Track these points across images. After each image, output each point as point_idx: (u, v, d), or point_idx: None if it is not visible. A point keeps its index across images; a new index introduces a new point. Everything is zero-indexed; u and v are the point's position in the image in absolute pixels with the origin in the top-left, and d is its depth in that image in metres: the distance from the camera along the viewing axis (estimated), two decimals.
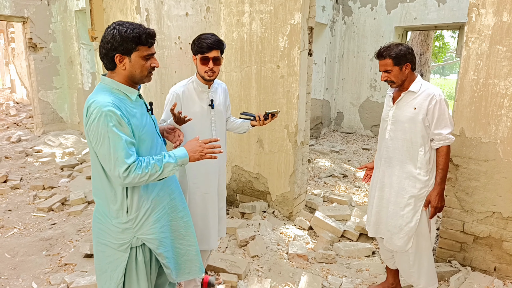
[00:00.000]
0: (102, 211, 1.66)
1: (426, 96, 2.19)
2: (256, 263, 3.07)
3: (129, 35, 1.53)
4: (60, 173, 5.46)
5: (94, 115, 1.47)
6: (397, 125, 2.30)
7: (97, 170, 1.60)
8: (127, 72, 1.59)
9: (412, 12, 7.60)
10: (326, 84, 8.40)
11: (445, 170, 2.23)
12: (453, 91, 22.16)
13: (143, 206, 1.65)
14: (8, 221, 3.95)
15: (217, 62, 2.20)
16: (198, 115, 2.27)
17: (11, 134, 7.91)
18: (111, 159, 1.49)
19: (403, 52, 2.18)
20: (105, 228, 1.66)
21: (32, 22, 7.31)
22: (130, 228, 1.64)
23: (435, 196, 2.23)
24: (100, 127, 1.47)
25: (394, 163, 2.33)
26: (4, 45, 13.39)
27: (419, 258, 2.33)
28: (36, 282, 2.86)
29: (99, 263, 1.72)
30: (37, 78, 7.59)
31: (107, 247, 1.67)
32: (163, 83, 3.29)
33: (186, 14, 3.43)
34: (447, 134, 2.18)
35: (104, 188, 1.62)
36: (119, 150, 1.48)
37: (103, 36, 1.55)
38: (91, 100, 1.52)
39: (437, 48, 13.29)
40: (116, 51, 1.54)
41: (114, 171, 1.50)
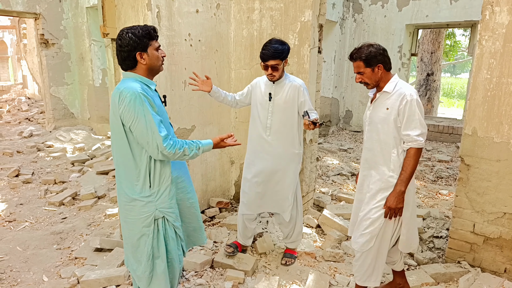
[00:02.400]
0: (127, 190, 1.88)
1: (398, 96, 2.14)
2: (263, 260, 3.08)
3: (141, 33, 1.81)
4: (71, 168, 5.53)
5: (128, 98, 1.72)
6: (372, 126, 2.28)
7: (124, 153, 1.83)
8: (147, 65, 1.86)
9: (423, 9, 7.51)
10: (335, 82, 8.36)
11: (408, 172, 2.14)
12: (464, 90, 21.87)
13: (163, 182, 1.90)
14: (20, 214, 4.02)
15: (275, 69, 2.63)
16: (259, 103, 2.78)
17: (23, 129, 8.03)
18: (149, 133, 1.74)
19: (373, 54, 2.15)
20: (130, 207, 1.89)
21: (44, 18, 7.39)
22: (153, 201, 1.88)
23: (390, 196, 2.17)
24: (137, 107, 1.72)
25: (372, 165, 2.30)
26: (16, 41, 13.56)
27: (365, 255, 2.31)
28: (46, 275, 2.91)
29: (131, 241, 1.94)
30: (48, 74, 7.68)
31: (134, 225, 1.90)
32: (173, 79, 3.31)
33: (197, 11, 3.44)
34: (415, 135, 2.11)
35: (129, 168, 1.85)
36: (155, 125, 1.74)
37: (119, 43, 1.81)
38: (121, 87, 1.76)
39: (448, 46, 13.11)
40: (136, 50, 1.81)
41: (153, 142, 1.75)
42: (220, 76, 3.87)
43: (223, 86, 3.93)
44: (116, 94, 1.76)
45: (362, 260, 2.32)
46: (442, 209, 4.18)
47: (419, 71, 10.78)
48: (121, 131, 1.79)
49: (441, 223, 3.60)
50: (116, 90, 1.78)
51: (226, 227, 3.59)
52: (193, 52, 3.48)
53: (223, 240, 3.37)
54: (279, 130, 2.74)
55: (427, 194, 4.74)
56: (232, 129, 4.12)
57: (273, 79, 2.69)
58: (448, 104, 19.09)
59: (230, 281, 2.72)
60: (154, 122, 1.74)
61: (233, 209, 4.09)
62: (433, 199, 4.58)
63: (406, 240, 2.29)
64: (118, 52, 1.83)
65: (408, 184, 2.17)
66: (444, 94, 21.81)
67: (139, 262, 1.94)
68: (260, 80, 2.84)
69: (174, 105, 3.36)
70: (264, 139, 2.78)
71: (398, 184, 2.16)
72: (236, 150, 4.16)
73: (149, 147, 1.77)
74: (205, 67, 3.65)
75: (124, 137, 1.80)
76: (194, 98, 3.58)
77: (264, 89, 2.78)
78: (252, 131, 2.86)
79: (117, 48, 1.83)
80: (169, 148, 1.77)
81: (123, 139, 1.81)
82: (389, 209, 2.17)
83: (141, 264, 1.94)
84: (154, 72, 1.92)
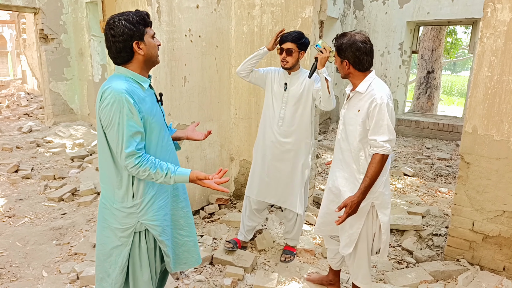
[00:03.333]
0: (108, 196, 1.70)
1: (368, 98, 2.04)
2: (263, 257, 3.08)
3: (136, 20, 1.59)
4: (70, 164, 5.53)
5: (108, 100, 1.53)
6: (344, 126, 2.21)
7: (105, 154, 1.65)
8: (145, 56, 1.64)
9: (425, 6, 7.49)
10: (335, 79, 8.34)
11: (372, 179, 2.02)
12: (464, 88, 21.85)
13: (148, 193, 1.69)
14: (20, 210, 4.02)
15: (289, 53, 2.65)
16: (273, 93, 2.82)
17: (22, 125, 8.01)
18: (119, 144, 1.56)
19: (343, 47, 2.05)
20: (110, 213, 1.70)
21: (43, 13, 7.36)
22: (135, 213, 1.68)
23: (350, 201, 2.04)
24: (113, 113, 1.53)
25: (343, 165, 2.24)
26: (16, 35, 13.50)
27: (358, 262, 2.29)
28: (46, 270, 2.91)
29: (104, 248, 1.74)
30: (48, 69, 7.65)
31: (112, 232, 1.70)
32: (173, 75, 3.29)
33: (197, 6, 3.42)
34: (382, 141, 2.00)
35: (110, 173, 1.66)
36: (126, 136, 1.54)
37: (111, 33, 1.57)
38: (106, 85, 1.56)
39: (449, 44, 13.08)
40: (133, 39, 1.58)
41: (120, 154, 1.57)
42: (220, 72, 3.85)
43: (223, 82, 3.91)
44: (100, 92, 1.58)
45: (356, 265, 2.30)
46: (441, 207, 4.19)
47: (419, 68, 10.76)
48: (101, 134, 1.62)
49: (440, 221, 3.61)
50: (101, 87, 1.59)
51: (226, 223, 3.60)
52: (193, 48, 3.46)
53: (222, 236, 3.37)
54: (292, 121, 2.76)
55: (427, 192, 4.75)
56: (232, 125, 4.11)
57: (285, 65, 2.69)
58: (448, 102, 19.08)
59: (230, 278, 2.72)
60: (126, 133, 1.53)
61: (233, 205, 4.09)
62: (432, 197, 4.58)
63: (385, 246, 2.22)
64: (111, 43, 1.58)
65: (367, 193, 2.05)
66: (445, 92, 21.78)
67: (107, 273, 1.73)
68: (274, 72, 2.86)
69: (174, 101, 3.35)
70: (276, 128, 2.81)
71: (360, 192, 2.03)
72: (235, 147, 4.16)
73: (118, 158, 1.59)
74: (205, 63, 3.64)
75: (104, 141, 1.62)
76: (194, 94, 3.57)
77: (280, 80, 2.81)
78: (264, 120, 2.89)
79: (109, 39, 1.58)
80: (131, 167, 1.56)
81: (104, 140, 1.62)
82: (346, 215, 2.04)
83: (110, 276, 1.73)
84: (151, 64, 1.69)
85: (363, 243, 2.23)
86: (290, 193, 2.87)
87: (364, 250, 2.25)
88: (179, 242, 1.91)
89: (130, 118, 1.54)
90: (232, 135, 4.14)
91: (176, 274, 2.77)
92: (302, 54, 2.71)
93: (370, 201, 2.13)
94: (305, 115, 2.76)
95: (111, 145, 1.60)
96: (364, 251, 2.25)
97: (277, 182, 2.88)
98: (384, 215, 2.15)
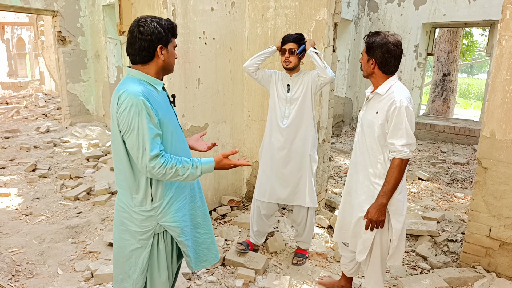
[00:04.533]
0: (125, 200, 1.70)
1: (388, 100, 2.01)
2: (274, 260, 3.08)
3: (167, 26, 1.63)
4: (86, 164, 5.62)
5: (125, 104, 1.52)
6: (362, 128, 2.18)
7: (121, 160, 1.64)
8: (164, 62, 1.65)
9: (441, 8, 7.38)
10: (349, 82, 8.29)
11: (391, 184, 2.01)
12: (481, 91, 21.42)
13: (166, 195, 1.70)
14: (36, 208, 4.10)
15: (292, 53, 2.77)
16: (277, 94, 2.91)
17: (40, 125, 8.19)
18: (139, 149, 1.54)
19: (374, 46, 2.01)
20: (129, 217, 1.70)
21: (61, 16, 7.52)
22: (154, 216, 1.68)
23: (372, 207, 2.06)
24: (131, 116, 1.51)
25: (359, 168, 2.20)
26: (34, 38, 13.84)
27: (371, 267, 2.26)
28: (61, 268, 2.96)
29: (122, 251, 1.75)
30: (65, 71, 7.82)
31: (131, 235, 1.71)
32: (187, 77, 3.32)
33: (212, 9, 3.45)
34: (399, 145, 1.97)
35: (127, 177, 1.66)
36: (147, 141, 1.53)
37: (140, 30, 1.58)
38: (122, 89, 1.55)
39: (466, 46, 12.84)
40: (159, 42, 1.60)
41: (142, 161, 1.55)
42: (233, 75, 3.87)
43: (237, 84, 3.93)
44: (115, 96, 1.56)
45: (369, 270, 2.27)
46: (457, 212, 4.11)
47: (435, 71, 10.59)
48: (119, 139, 1.60)
49: (456, 227, 3.54)
50: (116, 91, 1.58)
51: (238, 225, 3.60)
52: (207, 50, 3.49)
53: (234, 238, 3.38)
54: (296, 119, 2.85)
55: (442, 197, 4.67)
56: (245, 127, 4.12)
57: (288, 65, 2.80)
58: (465, 105, 18.73)
59: (241, 279, 2.72)
60: (148, 137, 1.53)
61: (245, 207, 4.09)
62: (448, 202, 4.50)
63: (393, 253, 2.19)
64: (137, 40, 1.58)
65: (390, 197, 2.04)
66: (461, 95, 21.39)
67: (127, 274, 1.75)
68: (278, 74, 2.96)
69: (188, 103, 3.38)
70: (282, 128, 2.88)
71: (380, 196, 2.04)
72: (248, 149, 4.17)
73: (138, 163, 1.57)
74: (219, 65, 3.66)
75: (121, 144, 1.61)
76: (208, 96, 3.59)
77: (282, 82, 2.91)
78: (270, 121, 2.97)
79: (135, 36, 1.58)
80: (158, 168, 1.55)
81: (120, 146, 1.61)
82: (370, 221, 2.08)
83: (130, 277, 1.74)
84: (167, 71, 1.71)
85: (377, 249, 2.19)
86: (299, 189, 2.91)
87: (377, 256, 2.22)
88: (199, 240, 1.92)
89: (149, 121, 1.53)
90: (244, 137, 4.15)
91: (188, 275, 2.79)
92: (303, 54, 2.83)
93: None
94: (308, 111, 2.86)
95: (131, 150, 1.57)
96: (378, 257, 2.22)
97: (286, 180, 2.91)
98: (398, 222, 2.11)
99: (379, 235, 2.16)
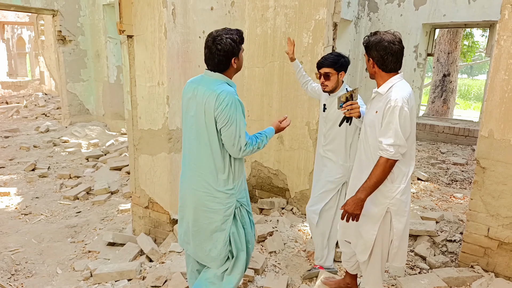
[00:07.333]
0: (211, 182, 2.04)
1: (385, 99, 2.00)
2: (273, 259, 3.08)
3: (238, 40, 1.97)
4: (86, 163, 5.63)
5: (226, 101, 1.89)
6: (365, 127, 2.17)
7: (211, 147, 2.00)
8: (237, 68, 2.05)
9: (441, 8, 7.38)
10: (348, 82, 8.29)
11: (372, 180, 2.00)
12: (481, 92, 21.43)
13: (240, 176, 2.12)
14: (36, 208, 4.11)
15: (326, 77, 2.63)
16: (321, 111, 2.83)
17: (39, 124, 8.20)
18: (236, 137, 1.94)
19: (370, 45, 2.03)
20: (212, 198, 2.05)
21: (61, 15, 7.53)
22: (234, 194, 2.08)
23: (350, 200, 2.06)
24: (232, 111, 1.90)
25: (363, 167, 2.19)
26: (34, 37, 13.84)
27: (370, 267, 2.25)
28: (60, 267, 2.97)
29: (205, 230, 2.10)
30: (65, 71, 7.82)
31: (215, 214, 2.06)
32: (186, 77, 3.32)
33: (211, 8, 3.45)
34: (386, 144, 1.95)
35: (216, 162, 2.02)
36: (242, 130, 1.95)
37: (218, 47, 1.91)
38: (218, 90, 1.92)
39: (466, 47, 12.86)
40: (234, 55, 1.97)
41: (237, 145, 1.96)
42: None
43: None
44: (212, 95, 1.90)
45: (369, 270, 2.27)
46: (456, 212, 4.11)
47: (435, 71, 10.60)
48: (213, 129, 1.94)
49: (454, 227, 3.55)
50: (209, 90, 1.92)
51: None
52: None
53: None
54: (333, 140, 2.74)
55: (441, 197, 4.67)
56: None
57: (325, 89, 2.67)
58: (465, 106, 18.75)
59: None
60: (243, 127, 1.95)
61: None
62: (447, 202, 4.50)
63: (396, 253, 2.19)
64: (215, 56, 1.92)
65: (370, 193, 2.03)
66: (461, 96, 21.42)
67: (215, 245, 2.11)
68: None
69: None
70: (322, 144, 2.83)
71: (360, 191, 2.03)
72: None
73: (233, 148, 1.96)
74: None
75: (215, 135, 1.96)
76: None
77: (323, 99, 2.81)
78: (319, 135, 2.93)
79: (214, 52, 1.92)
80: (248, 147, 1.99)
81: (214, 137, 1.96)
82: (345, 212, 2.07)
83: (217, 247, 2.10)
84: (237, 72, 2.10)
85: (377, 249, 2.19)
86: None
87: (377, 256, 2.21)
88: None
89: (243, 115, 1.95)
90: None
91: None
92: (342, 74, 2.66)
93: (385, 207, 2.10)
94: (340, 135, 2.69)
95: (228, 138, 1.94)
96: (378, 257, 2.21)
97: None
98: (399, 223, 2.11)
99: (380, 235, 2.15)
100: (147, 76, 3.17)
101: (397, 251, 2.19)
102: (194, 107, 1.99)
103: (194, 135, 2.03)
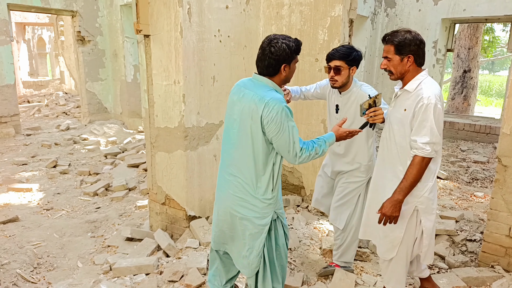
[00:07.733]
0: (249, 189, 1.97)
1: (416, 97, 1.96)
2: (289, 256, 3.08)
3: (294, 48, 1.90)
4: (104, 161, 5.75)
5: (275, 109, 1.83)
6: (390, 125, 2.13)
7: (253, 153, 1.93)
8: (284, 76, 1.95)
9: (461, 3, 7.20)
10: (365, 79, 8.18)
11: (409, 181, 1.97)
12: (503, 88, 20.82)
13: (279, 186, 2.05)
14: (57, 203, 4.23)
15: (337, 71, 2.39)
16: (331, 113, 2.66)
17: (60, 123, 8.41)
18: (290, 143, 1.87)
19: (408, 41, 1.96)
20: (249, 205, 1.98)
21: (80, 16, 7.69)
22: (272, 204, 2.01)
23: (387, 202, 2.03)
24: (283, 119, 1.84)
25: (387, 165, 2.16)
26: (54, 38, 14.18)
27: (393, 266, 2.20)
28: (81, 261, 3.05)
29: (239, 238, 2.05)
30: (84, 70, 8.00)
31: (250, 222, 1.99)
32: (202, 75, 3.36)
33: (226, 7, 3.47)
34: (422, 143, 1.92)
35: (256, 168, 1.95)
36: (296, 136, 1.88)
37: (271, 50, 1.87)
38: (266, 97, 1.85)
39: (487, 42, 12.50)
40: (285, 62, 1.89)
41: (293, 152, 1.89)
42: (248, 72, 3.88)
43: None
44: (260, 101, 1.84)
45: (391, 268, 2.23)
46: (476, 211, 4.02)
47: (455, 67, 10.36)
48: (259, 136, 1.89)
49: (475, 226, 3.47)
50: (257, 96, 1.86)
51: None
52: (222, 48, 3.51)
53: None
54: (347, 143, 2.56)
55: (461, 196, 4.57)
56: None
57: (334, 84, 2.44)
58: (486, 103, 18.24)
59: None
60: (296, 134, 1.88)
61: None
62: (467, 201, 4.41)
63: (426, 251, 2.16)
64: (267, 58, 1.88)
65: (407, 194, 2.00)
66: (482, 92, 20.84)
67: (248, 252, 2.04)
68: (331, 89, 2.61)
69: (203, 100, 3.41)
70: (336, 146, 2.63)
71: (397, 192, 2.00)
72: None
73: (289, 155, 1.90)
74: (234, 63, 3.68)
75: (260, 142, 1.90)
76: (223, 94, 3.62)
77: (333, 100, 2.60)
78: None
79: (266, 54, 1.88)
80: (304, 153, 1.91)
81: (258, 143, 1.90)
82: (383, 215, 2.03)
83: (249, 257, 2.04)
84: (285, 82, 2.01)
85: (403, 247, 2.16)
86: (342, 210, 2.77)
87: (403, 255, 2.17)
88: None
89: (293, 121, 1.89)
90: None
91: (203, 270, 2.82)
92: (353, 69, 2.42)
93: (413, 205, 2.07)
94: (361, 138, 2.53)
95: (282, 146, 1.88)
96: (403, 256, 2.18)
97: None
98: (428, 221, 2.09)
99: (407, 233, 2.13)
100: (163, 75, 3.21)
101: (427, 249, 2.16)
102: (239, 111, 1.93)
103: (236, 139, 1.97)
